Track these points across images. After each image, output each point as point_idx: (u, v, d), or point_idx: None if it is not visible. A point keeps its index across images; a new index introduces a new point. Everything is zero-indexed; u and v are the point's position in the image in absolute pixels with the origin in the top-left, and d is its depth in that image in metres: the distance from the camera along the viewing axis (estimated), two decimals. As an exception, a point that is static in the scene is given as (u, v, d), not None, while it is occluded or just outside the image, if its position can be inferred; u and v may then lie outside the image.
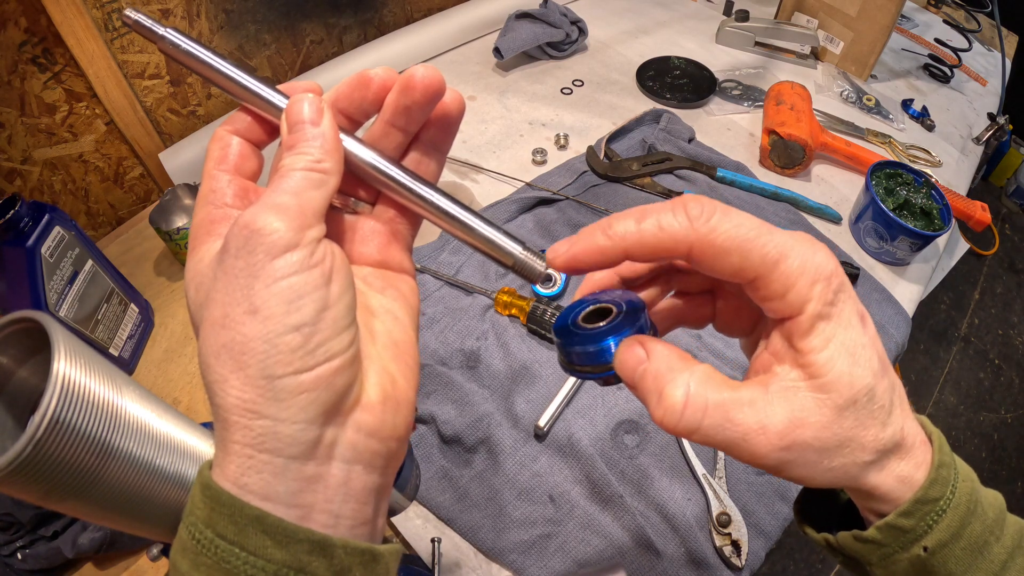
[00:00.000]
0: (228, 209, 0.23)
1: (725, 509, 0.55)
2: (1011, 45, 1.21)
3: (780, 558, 1.38)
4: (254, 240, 0.20)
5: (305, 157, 0.22)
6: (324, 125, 0.23)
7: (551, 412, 0.60)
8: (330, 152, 0.23)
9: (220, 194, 0.24)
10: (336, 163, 0.23)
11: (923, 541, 0.24)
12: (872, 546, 0.25)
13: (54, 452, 0.23)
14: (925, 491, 0.24)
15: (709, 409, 0.22)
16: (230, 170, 0.24)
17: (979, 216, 0.80)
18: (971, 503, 0.25)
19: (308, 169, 0.22)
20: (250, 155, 0.25)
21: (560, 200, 0.81)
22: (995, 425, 1.63)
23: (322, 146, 0.23)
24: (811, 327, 0.22)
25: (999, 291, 1.95)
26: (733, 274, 0.23)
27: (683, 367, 0.23)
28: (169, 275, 0.76)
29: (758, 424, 0.22)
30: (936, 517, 0.24)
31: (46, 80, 0.71)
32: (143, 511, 0.29)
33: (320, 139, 0.23)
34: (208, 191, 0.24)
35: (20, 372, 0.27)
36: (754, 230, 0.22)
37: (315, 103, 0.24)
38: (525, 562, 0.53)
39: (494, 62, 1.05)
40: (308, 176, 0.22)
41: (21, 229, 0.54)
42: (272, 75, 0.95)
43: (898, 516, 0.24)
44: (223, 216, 0.23)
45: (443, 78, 0.25)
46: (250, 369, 0.19)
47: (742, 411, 0.22)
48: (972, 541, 0.25)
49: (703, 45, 1.11)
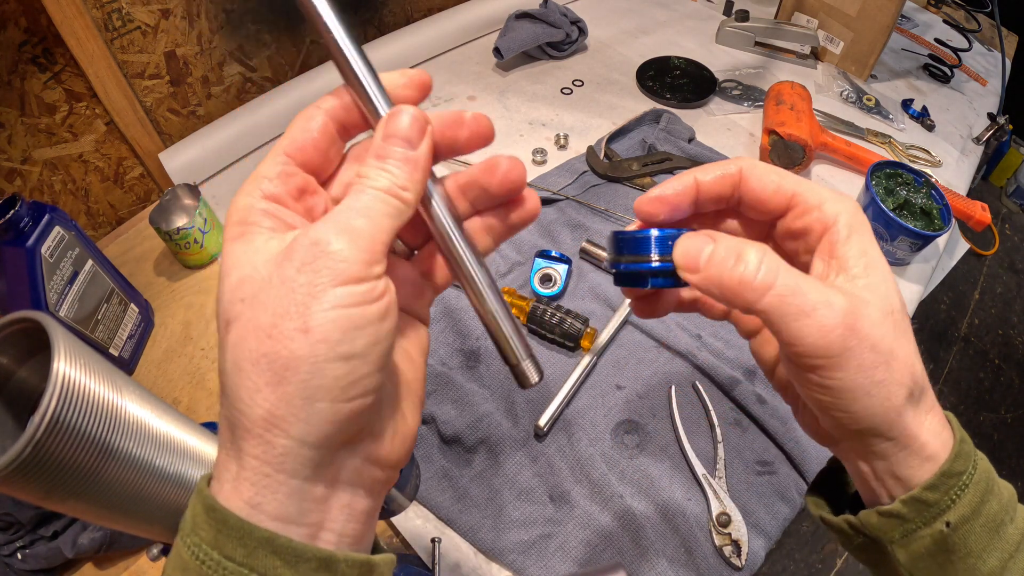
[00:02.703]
0: (281, 207, 0.22)
1: (725, 509, 0.55)
2: (1011, 45, 1.21)
3: (780, 558, 1.38)
4: (322, 261, 0.19)
5: (389, 177, 0.21)
6: (421, 150, 0.23)
7: (551, 412, 0.60)
8: (416, 183, 0.22)
9: (280, 183, 0.22)
10: (416, 196, 0.22)
11: (946, 516, 0.25)
12: (895, 521, 0.26)
13: (54, 452, 0.23)
14: (951, 464, 0.25)
15: (782, 275, 0.23)
16: (301, 160, 0.23)
17: (979, 216, 0.80)
18: (989, 480, 0.26)
19: (389, 193, 0.21)
20: (330, 146, 0.24)
21: (560, 200, 0.81)
22: (995, 425, 1.63)
23: (411, 173, 0.22)
24: (848, 235, 0.24)
25: (999, 291, 1.95)
26: (775, 191, 0.26)
27: (752, 243, 0.24)
28: (169, 275, 0.76)
29: (825, 300, 0.22)
30: (959, 492, 0.25)
31: (46, 80, 0.71)
32: (143, 511, 0.29)
33: (411, 165, 0.22)
34: (270, 175, 0.22)
35: (20, 372, 0.27)
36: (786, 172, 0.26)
37: (420, 121, 0.23)
38: (525, 562, 0.53)
39: (494, 62, 1.05)
40: (387, 201, 0.21)
41: (21, 229, 0.54)
42: (272, 75, 0.95)
43: (923, 490, 0.25)
44: (275, 213, 0.22)
45: (524, 176, 0.25)
46: (290, 387, 0.19)
47: (811, 285, 0.23)
48: (990, 519, 0.25)
49: (703, 45, 1.11)
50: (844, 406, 0.24)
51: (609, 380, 0.64)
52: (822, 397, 0.24)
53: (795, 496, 0.57)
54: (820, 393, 0.24)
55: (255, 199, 0.22)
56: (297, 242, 0.20)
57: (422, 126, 0.23)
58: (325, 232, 0.20)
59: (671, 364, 0.66)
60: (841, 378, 0.23)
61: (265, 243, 0.21)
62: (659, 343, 0.67)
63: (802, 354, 0.23)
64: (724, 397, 0.63)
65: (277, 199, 0.22)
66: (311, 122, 0.23)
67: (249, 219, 0.21)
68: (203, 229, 0.73)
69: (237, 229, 0.21)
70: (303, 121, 0.23)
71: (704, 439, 0.61)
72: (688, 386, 0.64)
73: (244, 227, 0.21)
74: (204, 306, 0.73)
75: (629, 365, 0.65)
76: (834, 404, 0.24)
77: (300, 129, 0.23)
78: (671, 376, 0.65)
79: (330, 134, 0.24)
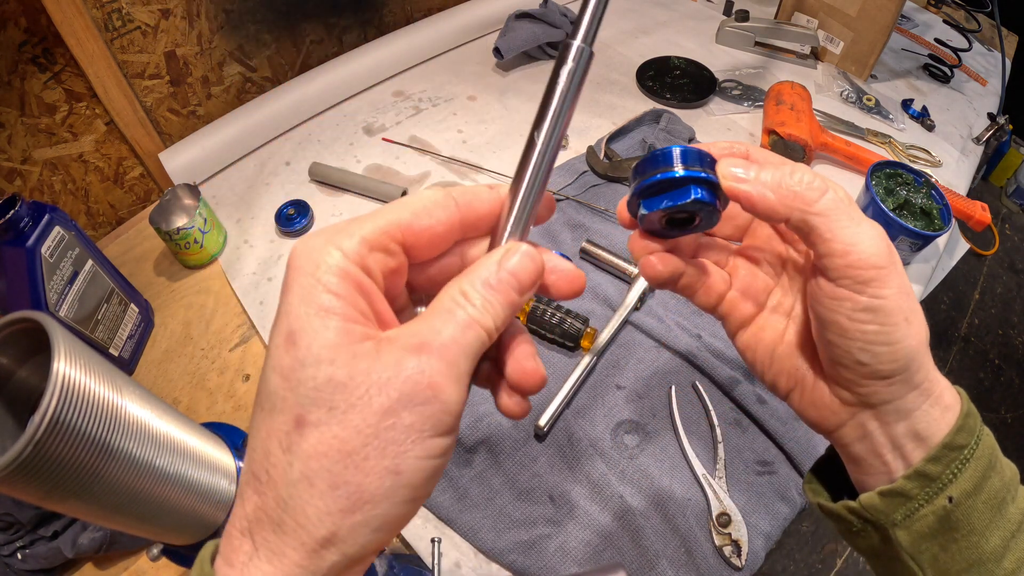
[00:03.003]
0: (366, 278, 0.20)
1: (725, 509, 0.55)
2: (1011, 45, 1.21)
3: (780, 558, 1.38)
4: (432, 407, 0.19)
5: (493, 317, 0.20)
6: (524, 298, 0.22)
7: (551, 412, 0.60)
8: (505, 324, 0.21)
9: (380, 259, 0.20)
10: (500, 331, 0.21)
11: (948, 491, 0.25)
12: (898, 500, 0.26)
13: (54, 452, 0.23)
14: (953, 437, 0.25)
15: (830, 190, 0.24)
16: (409, 242, 0.21)
17: (979, 216, 0.80)
18: (992, 457, 0.26)
19: (488, 332, 0.20)
20: (443, 243, 0.22)
21: (560, 200, 0.81)
22: (995, 425, 1.63)
23: (508, 316, 0.21)
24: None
25: (999, 291, 1.95)
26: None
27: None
28: (169, 275, 0.76)
29: (857, 234, 0.24)
30: (961, 465, 0.25)
31: (46, 80, 0.71)
32: (143, 511, 0.29)
33: (511, 309, 0.21)
34: (370, 238, 0.20)
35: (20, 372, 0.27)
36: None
37: (538, 272, 0.22)
38: (525, 562, 0.53)
39: (494, 62, 1.04)
40: (482, 341, 0.20)
41: (21, 229, 0.54)
42: (272, 75, 0.95)
43: (926, 462, 0.25)
44: (359, 284, 0.20)
45: (583, 288, 0.24)
46: (361, 516, 0.19)
47: (853, 210, 0.25)
48: (992, 495, 0.25)
49: (703, 45, 1.11)
50: (888, 333, 0.24)
51: (609, 380, 0.64)
52: (867, 326, 0.24)
53: (795, 496, 0.57)
54: (866, 321, 0.24)
55: (342, 260, 0.19)
56: (409, 375, 0.19)
57: (536, 277, 0.22)
58: (440, 374, 0.19)
59: (671, 364, 0.66)
60: (888, 296, 0.24)
61: (357, 341, 0.19)
62: (659, 343, 0.67)
63: (854, 264, 0.23)
64: (724, 397, 0.63)
65: (368, 271, 0.20)
66: (439, 210, 0.22)
67: (328, 282, 0.19)
68: (203, 229, 0.73)
69: (309, 287, 0.19)
70: (430, 204, 0.22)
71: (704, 439, 0.61)
72: (688, 386, 0.64)
73: (321, 291, 0.19)
74: (204, 306, 0.73)
75: (629, 365, 0.65)
76: (879, 333, 0.24)
77: (425, 212, 0.21)
78: (671, 376, 0.65)
79: (453, 232, 0.22)
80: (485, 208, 0.23)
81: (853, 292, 0.24)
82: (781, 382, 0.30)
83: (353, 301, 0.19)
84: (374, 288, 0.20)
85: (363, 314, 0.19)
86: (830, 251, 0.24)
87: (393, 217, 0.21)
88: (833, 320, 0.25)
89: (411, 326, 0.20)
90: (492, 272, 0.21)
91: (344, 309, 0.19)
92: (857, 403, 0.26)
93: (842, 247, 0.24)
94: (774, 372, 0.30)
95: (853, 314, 0.24)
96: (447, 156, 0.88)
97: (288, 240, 0.78)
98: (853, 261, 0.24)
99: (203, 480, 0.32)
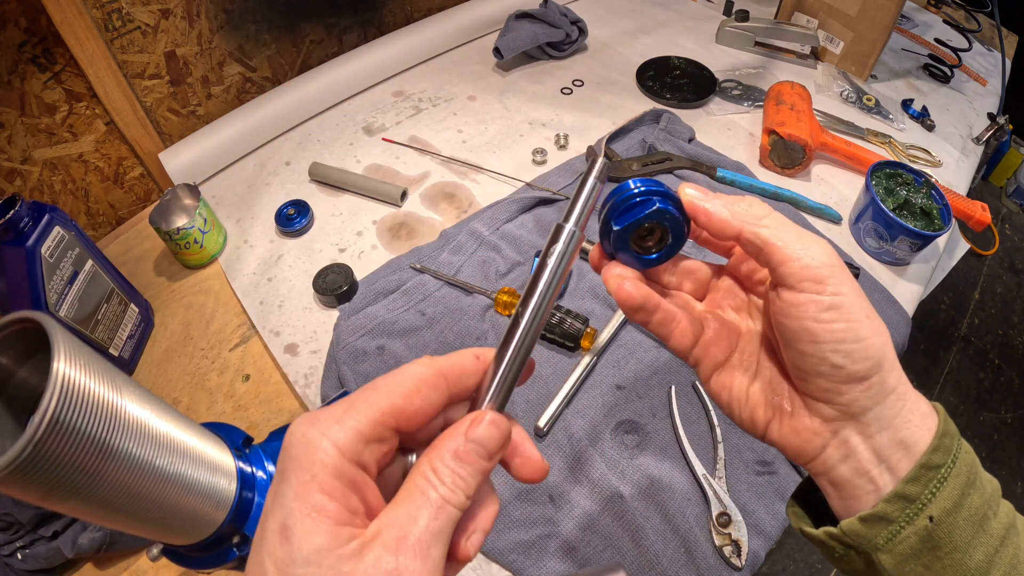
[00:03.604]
0: (359, 472, 0.22)
1: (725, 509, 0.55)
2: (1011, 45, 1.21)
3: (780, 558, 1.38)
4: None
5: (463, 490, 0.22)
6: (493, 462, 0.24)
7: (551, 412, 0.60)
8: (477, 487, 0.23)
9: (376, 449, 0.22)
10: (472, 498, 0.23)
11: (928, 510, 0.25)
12: (879, 525, 0.26)
13: (54, 452, 0.23)
14: (929, 456, 0.26)
15: (774, 212, 0.28)
16: (403, 426, 0.23)
17: (979, 216, 0.80)
18: (971, 474, 0.26)
19: (459, 508, 0.22)
20: (434, 416, 0.24)
21: (560, 200, 0.81)
22: (995, 425, 1.63)
23: (478, 483, 0.23)
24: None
25: (999, 291, 1.95)
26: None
27: None
28: (169, 275, 0.76)
29: (805, 240, 0.27)
30: (940, 484, 0.25)
31: (46, 80, 0.71)
32: (143, 511, 0.29)
33: (481, 476, 0.23)
34: (365, 431, 0.22)
35: (20, 372, 0.27)
36: None
37: (505, 438, 0.24)
38: (525, 562, 0.53)
39: (494, 62, 1.05)
40: (453, 517, 0.22)
41: (21, 229, 0.54)
42: (272, 75, 0.95)
43: (905, 484, 0.26)
44: (352, 480, 0.21)
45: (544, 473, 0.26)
46: None
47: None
48: (973, 512, 0.26)
49: (703, 45, 1.11)
50: (855, 330, 0.25)
51: (609, 380, 0.64)
52: (835, 324, 0.26)
53: (795, 496, 0.57)
54: (833, 320, 0.26)
55: (337, 459, 0.21)
56: (388, 571, 0.20)
57: (503, 443, 0.24)
58: (415, 571, 0.20)
59: (671, 364, 0.66)
60: (846, 292, 0.26)
61: (344, 543, 0.20)
62: (659, 343, 0.67)
63: (810, 265, 0.26)
64: (724, 397, 0.63)
65: (363, 464, 0.22)
66: (430, 390, 0.24)
67: (322, 481, 0.21)
68: (203, 229, 0.73)
69: (305, 484, 0.21)
70: (421, 384, 0.23)
71: (704, 439, 0.61)
72: (688, 386, 0.64)
73: (315, 491, 0.20)
74: (204, 306, 0.73)
75: (629, 365, 0.65)
76: (847, 330, 0.25)
77: (417, 394, 0.23)
78: (671, 376, 0.65)
79: (442, 406, 0.24)
80: (471, 381, 0.25)
81: (814, 293, 0.26)
82: (759, 416, 0.31)
83: (345, 500, 0.21)
84: (367, 480, 0.22)
85: (353, 512, 0.21)
86: (785, 258, 0.26)
87: (386, 404, 0.22)
88: (802, 327, 0.26)
89: (391, 513, 0.22)
90: (460, 443, 0.23)
91: (336, 511, 0.20)
92: (839, 416, 0.27)
93: (794, 253, 0.26)
94: (751, 407, 0.31)
95: (819, 315, 0.26)
96: (447, 156, 0.88)
97: (288, 240, 0.78)
98: (808, 263, 0.26)
99: (203, 480, 0.32)
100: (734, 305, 0.33)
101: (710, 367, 0.32)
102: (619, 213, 0.30)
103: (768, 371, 0.31)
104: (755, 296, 0.33)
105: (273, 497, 0.21)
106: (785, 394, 0.30)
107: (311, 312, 0.71)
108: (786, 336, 0.27)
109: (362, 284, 0.71)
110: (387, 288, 0.70)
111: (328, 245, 0.77)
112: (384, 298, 0.70)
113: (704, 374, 0.33)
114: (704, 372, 0.33)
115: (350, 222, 0.80)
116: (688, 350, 0.32)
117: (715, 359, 0.32)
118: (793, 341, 0.27)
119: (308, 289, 0.72)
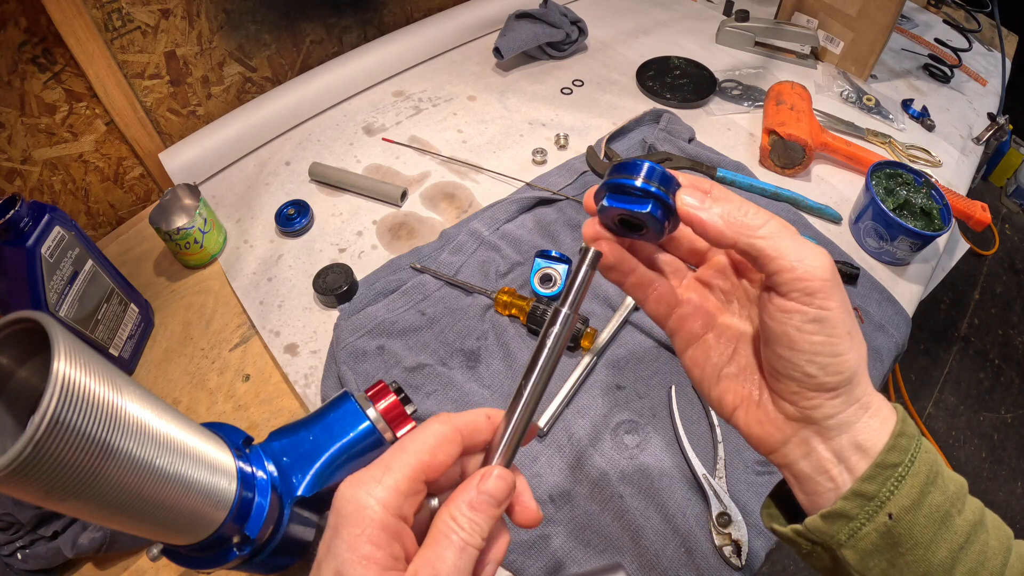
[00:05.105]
0: (401, 525, 0.25)
1: (725, 509, 0.55)
2: (1011, 45, 1.21)
3: (780, 558, 1.38)
4: None
5: (480, 533, 0.26)
6: (502, 509, 0.27)
7: (551, 412, 0.60)
8: (491, 529, 0.26)
9: (412, 503, 0.26)
10: (487, 538, 0.26)
11: (887, 507, 0.26)
12: (841, 522, 0.27)
13: (54, 452, 0.23)
14: (884, 456, 0.27)
15: (773, 219, 0.27)
16: (430, 478, 0.27)
17: (979, 216, 0.80)
18: (931, 474, 0.27)
19: (478, 549, 0.26)
20: (449, 468, 0.28)
21: (560, 200, 0.81)
22: (995, 425, 1.63)
23: (491, 526, 0.26)
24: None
25: (999, 291, 1.95)
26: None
27: None
28: (169, 275, 0.76)
29: (802, 251, 0.27)
30: (897, 482, 0.26)
31: (46, 80, 0.71)
32: (143, 511, 0.29)
33: (494, 520, 0.27)
34: (403, 489, 0.26)
35: (20, 372, 0.27)
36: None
37: (510, 489, 0.27)
38: (525, 562, 0.53)
39: (494, 62, 1.05)
40: (473, 556, 0.25)
41: (21, 229, 0.54)
42: (272, 75, 0.95)
43: (861, 482, 0.27)
44: (395, 533, 0.25)
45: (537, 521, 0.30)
46: None
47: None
48: (934, 510, 0.27)
49: (703, 45, 1.11)
50: (833, 345, 0.26)
51: (609, 380, 0.64)
52: (815, 336, 0.26)
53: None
54: (814, 332, 0.26)
55: (383, 515, 0.25)
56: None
57: (509, 492, 0.27)
58: None
59: (671, 364, 0.66)
60: (833, 308, 0.26)
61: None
62: (659, 343, 0.67)
63: (802, 276, 0.26)
64: (724, 397, 0.63)
65: (403, 517, 0.26)
66: (450, 445, 0.28)
67: (371, 534, 0.24)
68: (203, 229, 0.73)
69: (356, 537, 0.24)
70: (443, 441, 0.27)
71: (704, 439, 0.61)
72: (688, 386, 0.64)
73: (365, 542, 0.24)
74: (204, 306, 0.73)
75: (629, 365, 0.65)
76: (825, 344, 0.26)
77: (440, 450, 0.27)
78: (671, 376, 0.65)
79: (458, 457, 0.28)
80: (483, 436, 0.29)
81: (802, 304, 0.26)
82: (727, 400, 0.32)
83: (389, 549, 0.24)
84: (405, 529, 0.26)
85: (396, 558, 0.25)
86: (779, 267, 0.26)
87: (416, 461, 0.26)
88: (783, 332, 0.27)
89: (423, 556, 0.25)
90: (473, 495, 0.26)
91: (383, 558, 0.24)
92: (800, 418, 0.28)
93: (789, 263, 0.26)
94: (720, 390, 0.32)
95: (802, 325, 0.26)
96: (447, 156, 0.88)
97: (288, 240, 0.78)
98: (801, 274, 0.26)
99: (203, 480, 0.32)
100: (724, 287, 0.34)
101: (684, 340, 0.33)
102: (616, 191, 0.30)
103: (744, 359, 0.32)
104: (746, 282, 0.33)
105: (327, 549, 0.25)
106: (756, 384, 0.31)
107: (311, 312, 0.71)
108: (767, 335, 0.28)
109: (362, 284, 0.71)
110: (387, 288, 0.70)
111: (328, 245, 0.77)
112: (384, 298, 0.70)
113: (679, 346, 0.34)
114: (679, 345, 0.34)
115: (350, 222, 0.80)
116: (664, 318, 0.34)
117: (691, 332, 0.33)
118: (773, 342, 0.28)
119: (308, 289, 0.72)
